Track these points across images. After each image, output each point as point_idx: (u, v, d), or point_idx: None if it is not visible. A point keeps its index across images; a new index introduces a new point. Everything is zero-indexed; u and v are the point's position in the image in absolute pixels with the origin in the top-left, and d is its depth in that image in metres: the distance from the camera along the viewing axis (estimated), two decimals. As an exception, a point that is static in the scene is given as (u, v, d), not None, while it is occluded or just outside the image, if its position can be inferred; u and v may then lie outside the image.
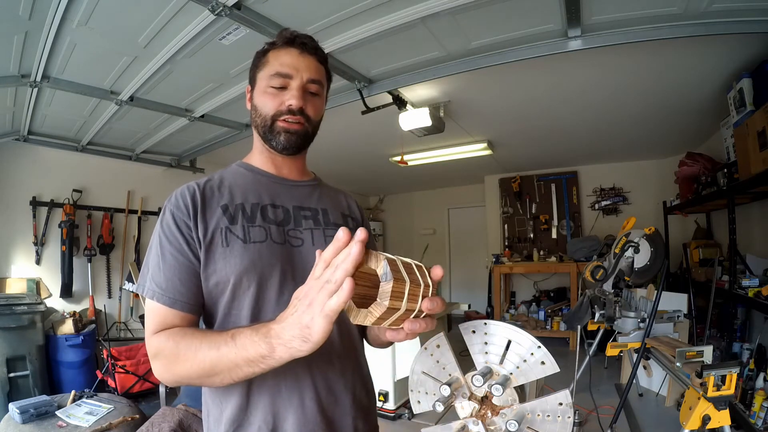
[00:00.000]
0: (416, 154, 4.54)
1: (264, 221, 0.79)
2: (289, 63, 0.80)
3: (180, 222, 0.74)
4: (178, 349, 0.65)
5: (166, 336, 0.68)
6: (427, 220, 7.35)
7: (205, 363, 0.62)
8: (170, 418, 2.01)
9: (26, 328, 2.96)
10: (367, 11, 1.89)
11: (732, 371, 1.51)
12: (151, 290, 0.71)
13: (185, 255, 0.73)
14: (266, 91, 0.81)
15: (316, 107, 0.84)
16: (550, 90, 3.00)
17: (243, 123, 3.38)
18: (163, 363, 0.68)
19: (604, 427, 2.52)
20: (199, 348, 0.63)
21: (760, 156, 2.36)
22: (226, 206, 0.78)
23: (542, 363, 0.65)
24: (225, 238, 0.74)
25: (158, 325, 0.71)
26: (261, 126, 0.82)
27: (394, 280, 0.44)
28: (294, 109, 0.79)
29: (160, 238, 0.74)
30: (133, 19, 1.89)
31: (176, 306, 0.71)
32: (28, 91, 2.54)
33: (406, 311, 0.46)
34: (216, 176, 0.84)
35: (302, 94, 0.80)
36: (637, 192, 5.29)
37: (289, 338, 0.53)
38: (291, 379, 0.73)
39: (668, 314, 2.65)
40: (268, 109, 0.81)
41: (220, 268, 0.73)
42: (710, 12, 1.85)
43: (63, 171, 3.71)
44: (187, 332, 0.68)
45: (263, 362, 0.57)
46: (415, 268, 0.49)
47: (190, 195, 0.77)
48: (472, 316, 5.99)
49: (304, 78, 0.80)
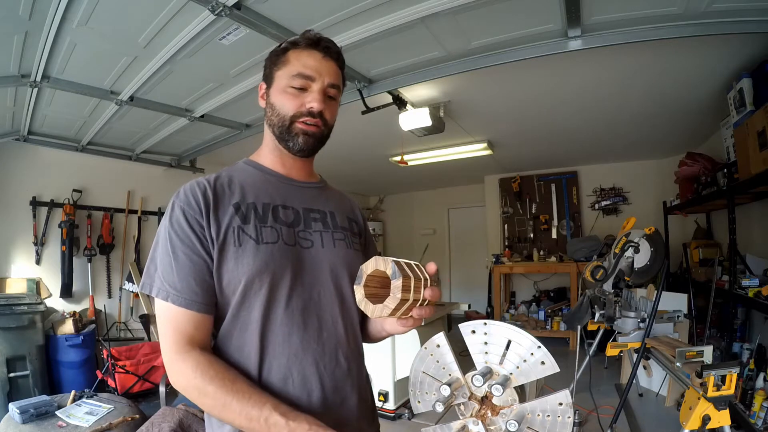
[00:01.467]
0: (416, 154, 4.54)
1: (275, 222, 0.78)
2: (312, 65, 0.80)
3: (192, 220, 0.72)
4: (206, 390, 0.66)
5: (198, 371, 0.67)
6: (427, 220, 7.35)
7: (228, 417, 0.66)
8: (170, 418, 2.01)
9: (26, 328, 2.96)
10: (367, 11, 1.89)
11: (732, 371, 1.51)
12: (165, 291, 0.69)
13: (199, 254, 0.71)
14: (286, 90, 0.80)
15: (333, 111, 0.84)
16: (550, 90, 3.00)
17: (243, 123, 3.38)
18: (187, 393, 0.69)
19: (604, 427, 2.52)
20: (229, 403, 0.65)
21: (760, 156, 2.35)
22: (238, 205, 0.77)
23: (542, 363, 0.65)
24: (237, 237, 0.73)
25: (175, 331, 0.69)
26: (278, 125, 0.81)
27: (402, 276, 0.54)
28: (315, 111, 0.79)
29: (170, 236, 0.72)
30: (133, 19, 1.89)
31: (193, 307, 0.69)
32: (28, 91, 2.54)
33: (414, 301, 0.57)
34: (224, 173, 0.82)
35: (323, 98, 0.80)
36: (637, 192, 5.29)
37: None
38: (298, 378, 0.73)
39: (668, 314, 2.65)
40: (288, 109, 0.79)
41: (232, 269, 0.72)
42: (710, 12, 1.85)
43: (63, 171, 3.71)
44: (221, 375, 0.67)
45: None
46: (414, 266, 0.60)
47: (201, 192, 0.75)
48: (472, 316, 5.98)
49: (326, 82, 0.80)
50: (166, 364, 0.69)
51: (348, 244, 0.86)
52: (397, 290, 0.53)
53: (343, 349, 0.78)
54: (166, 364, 0.70)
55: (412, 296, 0.55)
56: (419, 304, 0.61)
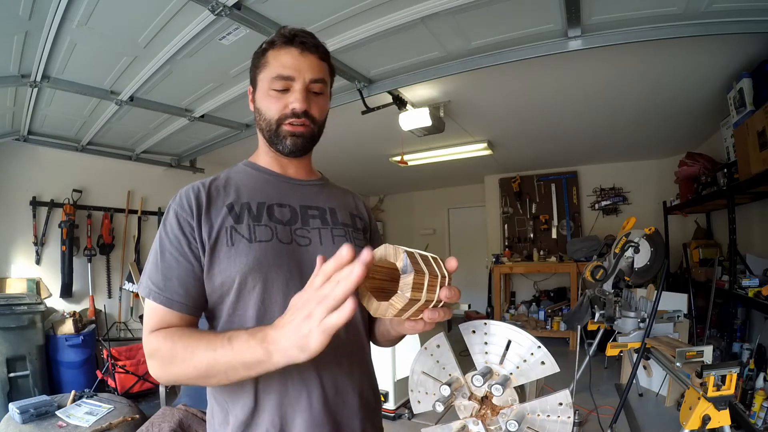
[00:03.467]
0: (416, 154, 4.54)
1: (270, 220, 0.78)
2: (290, 64, 0.78)
3: (183, 222, 0.73)
4: (175, 349, 0.65)
5: (164, 335, 0.68)
6: (427, 220, 7.35)
7: (202, 365, 0.62)
8: (170, 418, 2.01)
9: (26, 328, 2.96)
10: (367, 11, 1.89)
11: (732, 371, 1.51)
12: (148, 288, 0.71)
13: (185, 256, 0.72)
14: (269, 94, 0.79)
15: (321, 107, 0.83)
16: (550, 90, 3.00)
17: (243, 123, 3.38)
18: (159, 362, 0.68)
19: (604, 427, 2.52)
20: (196, 349, 0.63)
21: (760, 156, 2.35)
22: (231, 205, 0.77)
23: (542, 363, 0.65)
24: (230, 237, 0.74)
25: (156, 324, 0.70)
26: (266, 130, 0.81)
27: (414, 272, 0.45)
28: (298, 112, 0.78)
29: (161, 237, 0.74)
30: (133, 19, 1.89)
31: (173, 306, 0.70)
32: (28, 91, 2.53)
33: (426, 302, 0.48)
34: (222, 175, 0.83)
35: (305, 96, 0.79)
36: (637, 192, 5.29)
37: (286, 347, 0.53)
38: (298, 379, 0.72)
39: (668, 314, 2.65)
40: (272, 113, 0.79)
41: (225, 268, 0.72)
42: (710, 12, 1.85)
43: (63, 171, 3.71)
44: (185, 333, 0.67)
45: (260, 366, 0.57)
46: (431, 259, 0.51)
47: (194, 194, 0.76)
48: (472, 316, 5.98)
49: (307, 79, 0.78)
50: (144, 346, 0.70)
51: (349, 241, 0.85)
52: (406, 288, 0.45)
53: (343, 349, 0.77)
54: (144, 347, 0.70)
55: (424, 296, 0.47)
56: (433, 305, 0.52)
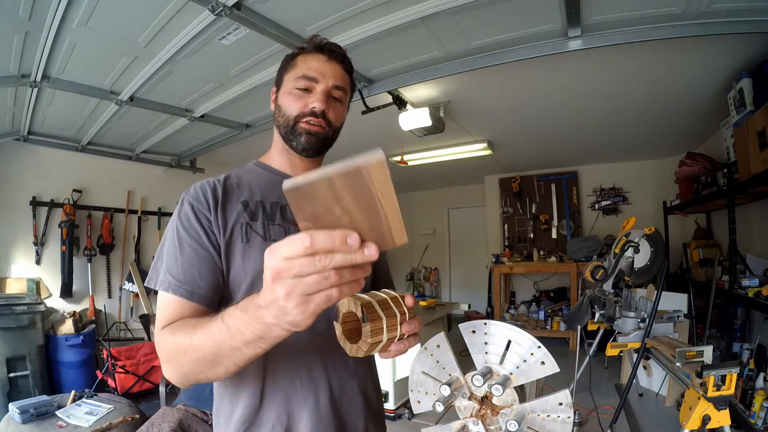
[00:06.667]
0: (416, 154, 4.53)
1: (284, 221, 0.79)
2: (317, 67, 0.81)
3: (200, 214, 0.73)
4: (176, 341, 0.61)
5: (169, 331, 0.64)
6: (427, 220, 7.35)
7: (204, 353, 0.57)
8: (170, 418, 2.01)
9: (26, 328, 2.96)
10: (367, 11, 1.89)
11: (732, 371, 1.51)
12: (166, 282, 0.69)
13: (205, 247, 0.71)
14: (291, 92, 0.82)
15: (338, 113, 0.86)
16: (550, 90, 3.00)
17: (243, 123, 3.38)
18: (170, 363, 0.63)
19: (604, 427, 2.52)
20: (194, 336, 0.58)
21: (760, 156, 2.35)
22: (246, 202, 0.78)
23: (542, 363, 0.65)
24: (245, 233, 0.74)
25: (169, 318, 0.67)
26: (283, 126, 0.83)
27: (371, 321, 0.53)
28: (317, 111, 0.80)
29: (177, 229, 0.72)
30: (133, 19, 1.89)
31: (194, 299, 0.68)
32: (28, 91, 2.53)
33: (389, 340, 0.55)
34: (234, 174, 0.84)
35: (326, 98, 0.82)
36: (637, 192, 5.29)
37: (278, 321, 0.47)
38: (306, 377, 0.73)
39: (668, 314, 2.65)
40: (292, 109, 0.81)
41: (238, 265, 0.72)
42: (710, 12, 1.85)
43: (63, 171, 3.71)
44: (185, 323, 0.64)
45: (263, 342, 0.51)
46: (390, 302, 0.58)
47: (210, 188, 0.77)
48: (472, 316, 5.98)
49: (330, 83, 0.82)
50: (156, 348, 0.66)
51: None
52: (367, 335, 0.52)
53: None
54: (156, 348, 0.67)
55: (385, 337, 0.54)
56: (398, 338, 0.58)
